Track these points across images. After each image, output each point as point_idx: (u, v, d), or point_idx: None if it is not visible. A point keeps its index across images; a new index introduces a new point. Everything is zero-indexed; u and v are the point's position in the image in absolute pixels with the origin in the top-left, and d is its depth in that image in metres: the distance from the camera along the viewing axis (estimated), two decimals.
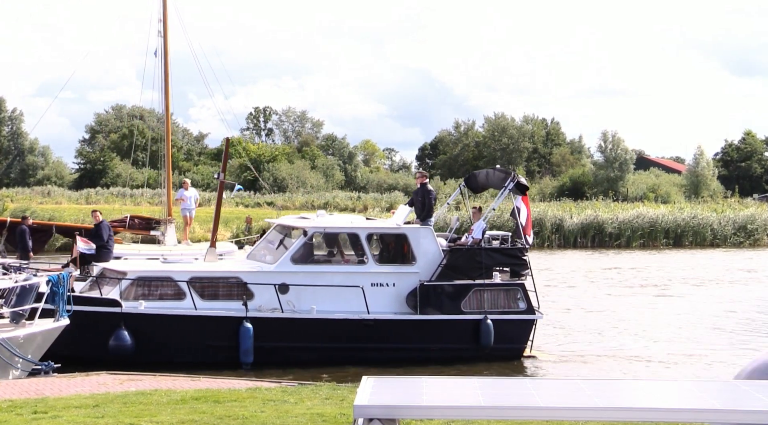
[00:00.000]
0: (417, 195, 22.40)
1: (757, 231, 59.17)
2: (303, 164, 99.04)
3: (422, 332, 20.94)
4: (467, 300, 21.13)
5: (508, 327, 21.14)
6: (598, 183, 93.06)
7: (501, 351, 21.00)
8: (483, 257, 21.26)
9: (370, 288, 20.80)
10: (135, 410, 12.90)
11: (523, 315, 21.39)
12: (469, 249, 21.61)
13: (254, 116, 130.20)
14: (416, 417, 6.30)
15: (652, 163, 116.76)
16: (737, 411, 5.90)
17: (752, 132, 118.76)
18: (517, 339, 21.36)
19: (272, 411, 12.83)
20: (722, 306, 30.02)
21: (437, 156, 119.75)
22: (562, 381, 7.42)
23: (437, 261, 21.13)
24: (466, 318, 21.04)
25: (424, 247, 21.25)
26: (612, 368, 20.69)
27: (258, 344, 20.01)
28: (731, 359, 21.50)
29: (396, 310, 21.00)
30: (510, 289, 21.40)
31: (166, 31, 32.96)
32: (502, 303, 21.29)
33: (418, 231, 21.41)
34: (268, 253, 21.78)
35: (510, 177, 22.36)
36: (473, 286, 21.17)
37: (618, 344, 23.65)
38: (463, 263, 21.24)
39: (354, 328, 20.56)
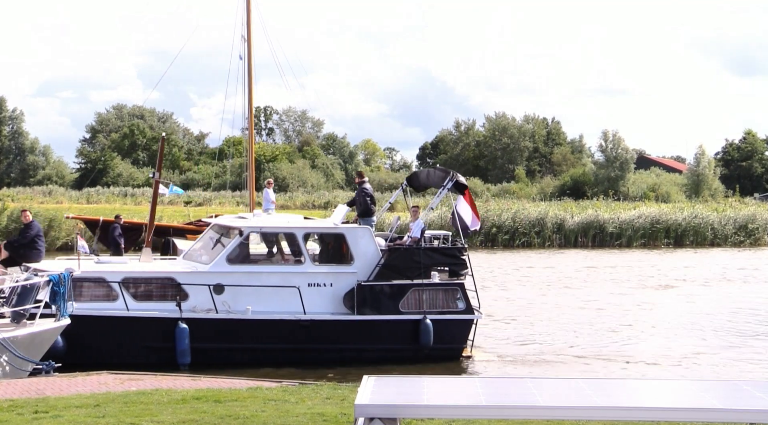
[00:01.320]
0: (357, 195, 22.41)
1: (757, 230, 59.14)
2: (303, 164, 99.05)
3: (360, 332, 20.71)
4: (406, 300, 20.92)
5: (447, 327, 20.94)
6: (598, 182, 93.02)
7: (440, 351, 20.76)
8: (421, 257, 21.10)
9: (307, 288, 20.59)
10: (136, 410, 12.90)
11: (462, 315, 21.17)
12: (408, 249, 21.43)
13: (255, 115, 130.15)
14: (417, 416, 6.31)
15: (652, 162, 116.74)
16: (737, 411, 5.91)
17: (753, 131, 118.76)
18: (456, 339, 21.16)
19: (273, 410, 12.83)
20: (703, 307, 30.02)
21: (438, 155, 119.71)
22: (562, 381, 7.43)
23: (375, 261, 20.93)
24: (405, 319, 20.85)
25: (362, 247, 21.05)
26: (552, 368, 20.51)
27: (194, 345, 19.70)
28: (705, 359, 21.54)
29: (333, 311, 20.79)
30: (449, 289, 21.20)
31: (249, 36, 33.68)
32: (441, 303, 21.09)
33: (356, 231, 21.26)
34: (204, 253, 21.50)
35: (449, 176, 22.32)
36: (412, 286, 20.97)
37: (566, 344, 23.46)
38: (401, 263, 21.03)
39: (290, 329, 20.31)
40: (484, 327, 24.13)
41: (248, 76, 34.00)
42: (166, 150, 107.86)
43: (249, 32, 33.62)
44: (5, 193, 72.44)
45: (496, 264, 43.83)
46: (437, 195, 22.93)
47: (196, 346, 19.78)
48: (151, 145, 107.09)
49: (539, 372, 20.10)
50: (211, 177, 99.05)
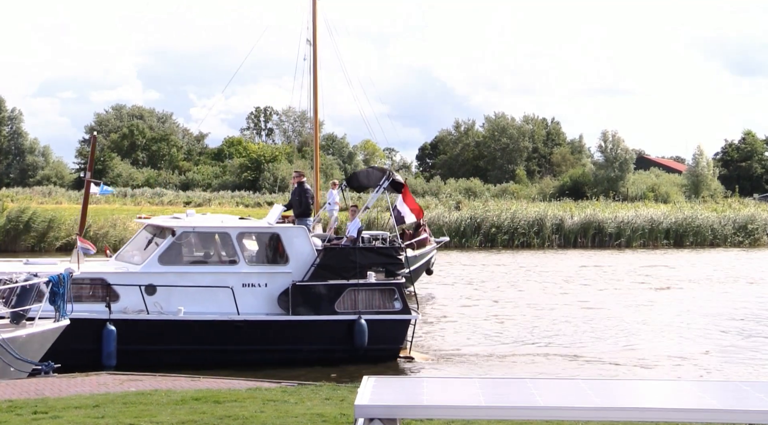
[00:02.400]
0: (294, 194, 22.23)
1: (757, 231, 59.19)
2: (303, 164, 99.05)
3: (294, 333, 20.48)
4: (341, 300, 20.71)
5: (383, 327, 20.72)
6: (598, 183, 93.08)
7: (376, 351, 20.56)
8: (357, 257, 20.93)
9: (241, 288, 20.33)
10: (135, 410, 12.90)
11: (398, 315, 20.95)
12: (343, 248, 21.28)
13: (255, 116, 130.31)
14: (417, 417, 6.30)
15: (652, 162, 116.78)
16: (737, 411, 5.91)
17: (752, 132, 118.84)
18: (392, 340, 20.92)
19: (272, 411, 12.82)
20: (701, 307, 30.03)
21: (437, 156, 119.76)
22: (562, 381, 7.42)
23: (311, 261, 20.71)
24: (340, 319, 20.63)
25: (298, 247, 20.82)
26: (492, 368, 20.40)
27: (122, 347, 19.31)
28: (703, 360, 21.54)
29: (268, 311, 20.54)
30: (385, 289, 21.00)
31: (315, 39, 34.47)
32: (378, 304, 20.89)
33: (291, 230, 21.04)
34: (137, 254, 21.21)
35: (385, 175, 22.20)
36: (347, 286, 20.77)
37: (518, 343, 23.44)
38: (336, 263, 20.82)
39: (223, 330, 20.03)
40: (435, 327, 24.06)
41: (313, 77, 34.82)
42: (165, 150, 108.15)
43: (315, 35, 34.48)
44: (4, 194, 72.45)
45: (494, 262, 43.85)
46: (373, 194, 22.68)
47: (124, 348, 19.31)
48: (150, 146, 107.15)
49: (482, 371, 19.91)
50: (211, 177, 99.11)
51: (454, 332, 25.16)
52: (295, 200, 22.13)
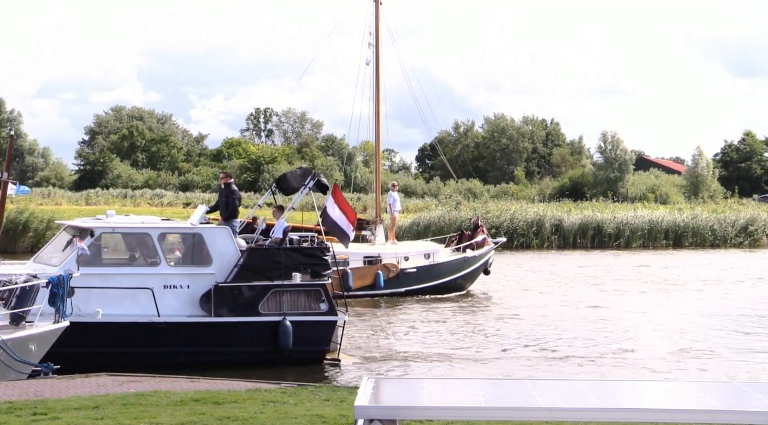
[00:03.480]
0: (221, 195, 21.93)
1: (756, 232, 59.19)
2: (303, 165, 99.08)
3: (217, 335, 20.19)
4: (265, 301, 20.47)
5: (308, 328, 20.49)
6: (597, 183, 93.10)
7: (301, 353, 20.30)
8: (282, 257, 20.64)
9: (162, 290, 20.00)
10: (134, 411, 12.89)
11: (324, 317, 20.72)
12: (267, 249, 20.99)
13: (254, 117, 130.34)
14: (416, 418, 6.30)
15: (651, 163, 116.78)
16: (737, 412, 5.90)
17: (752, 132, 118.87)
18: (317, 342, 20.67)
19: (272, 412, 12.82)
20: (697, 308, 30.04)
21: (437, 157, 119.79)
22: (562, 382, 7.43)
23: (234, 262, 20.41)
24: (263, 321, 20.37)
25: (221, 248, 20.51)
26: (419, 369, 20.25)
27: None
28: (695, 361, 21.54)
29: (190, 313, 20.24)
30: (311, 290, 20.78)
31: (378, 43, 34.74)
32: (303, 305, 20.67)
33: (215, 231, 20.74)
34: (55, 256, 20.87)
35: (310, 176, 22.03)
36: (272, 287, 20.52)
37: (449, 345, 23.31)
38: (260, 264, 20.52)
39: (142, 332, 19.68)
40: (371, 329, 23.99)
41: (376, 81, 35.06)
42: (165, 151, 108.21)
43: (377, 39, 34.72)
44: None
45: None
46: (297, 195, 22.37)
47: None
48: (150, 147, 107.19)
49: (414, 372, 19.77)
50: (211, 178, 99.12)
51: (402, 334, 24.94)
52: (222, 201, 21.70)
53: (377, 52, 34.71)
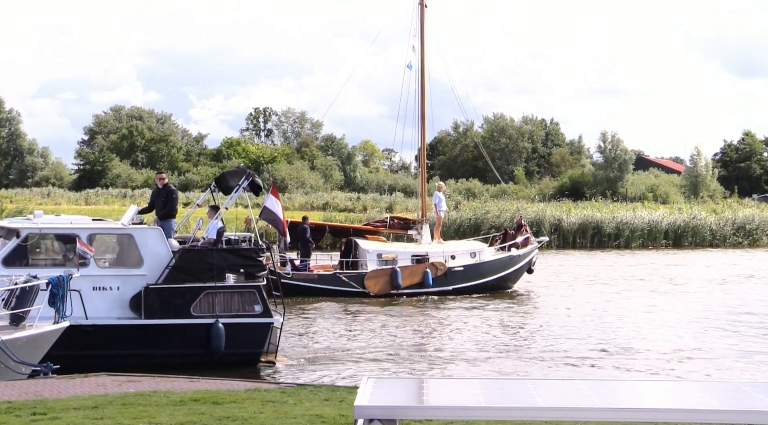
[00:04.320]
0: (158, 195, 21.60)
1: (756, 231, 59.17)
2: (302, 165, 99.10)
3: (147, 337, 19.78)
4: (198, 303, 20.10)
5: (241, 331, 20.11)
6: (597, 183, 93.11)
7: (234, 356, 19.93)
8: (215, 259, 20.25)
9: (91, 292, 19.52)
10: (134, 411, 12.89)
11: (258, 319, 20.34)
12: (200, 250, 20.60)
13: (254, 117, 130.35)
14: (416, 417, 6.29)
15: (651, 163, 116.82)
16: (737, 412, 5.90)
17: (752, 132, 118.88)
18: (251, 344, 20.32)
19: (271, 412, 12.81)
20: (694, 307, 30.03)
21: (436, 156, 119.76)
22: (562, 382, 7.42)
23: (166, 263, 20.01)
24: (195, 323, 19.97)
25: (152, 249, 20.11)
26: (355, 370, 20.01)
27: None
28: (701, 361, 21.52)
29: (120, 315, 19.89)
30: (245, 292, 20.41)
31: (423, 47, 35.55)
32: (237, 307, 20.28)
33: (146, 232, 20.35)
34: None
35: (244, 176, 21.58)
36: (204, 289, 20.16)
37: (390, 344, 23.25)
38: (193, 265, 20.08)
39: (70, 335, 18.70)
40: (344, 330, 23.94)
41: (421, 84, 36.10)
42: (164, 151, 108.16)
43: (422, 43, 35.58)
44: (3, 194, 72.44)
45: None
46: (231, 195, 21.88)
47: None
48: (149, 147, 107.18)
49: (349, 373, 19.61)
50: (210, 178, 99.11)
51: (353, 334, 24.75)
52: (160, 201, 21.36)
53: (422, 56, 35.36)
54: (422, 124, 36.69)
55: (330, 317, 27.91)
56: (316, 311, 28.91)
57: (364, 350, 22.43)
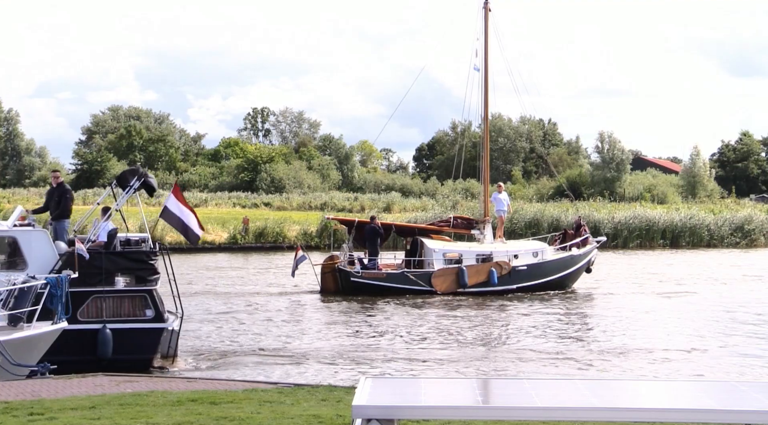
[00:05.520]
0: (52, 195, 20.93)
1: (753, 232, 59.16)
2: (300, 165, 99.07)
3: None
4: (85, 308, 19.47)
5: (130, 336, 19.43)
6: (595, 183, 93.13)
7: (123, 362, 18.92)
8: (103, 262, 19.53)
9: None
10: (131, 411, 12.87)
11: (149, 324, 19.73)
12: (88, 253, 19.72)
13: (252, 117, 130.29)
14: (414, 417, 6.28)
15: (649, 163, 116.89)
16: (734, 411, 5.90)
17: (749, 132, 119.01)
18: (141, 350, 19.59)
19: (268, 412, 12.80)
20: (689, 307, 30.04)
21: (434, 156, 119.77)
22: (559, 382, 7.42)
23: (52, 266, 19.10)
24: (81, 328, 19.13)
25: (37, 252, 19.23)
26: (249, 372, 19.70)
27: None
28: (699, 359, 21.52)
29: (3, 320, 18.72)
30: (135, 296, 19.84)
31: (486, 48, 36.14)
32: (126, 312, 19.70)
33: (30, 234, 19.46)
34: None
35: (136, 176, 20.91)
36: (92, 293, 19.53)
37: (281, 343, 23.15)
38: (80, 268, 18.94)
39: None
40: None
41: (484, 87, 36.56)
42: (162, 151, 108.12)
43: (486, 46, 36.13)
44: (1, 194, 72.43)
45: None
46: (122, 195, 21.13)
47: None
48: (147, 147, 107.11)
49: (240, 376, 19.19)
50: (208, 178, 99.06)
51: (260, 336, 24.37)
52: (54, 201, 20.63)
53: (486, 58, 35.93)
54: (486, 124, 37.46)
55: (399, 317, 28.00)
56: (382, 312, 28.89)
57: (425, 349, 22.52)
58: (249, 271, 41.16)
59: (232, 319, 26.91)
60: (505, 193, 37.01)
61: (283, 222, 54.92)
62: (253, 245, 52.31)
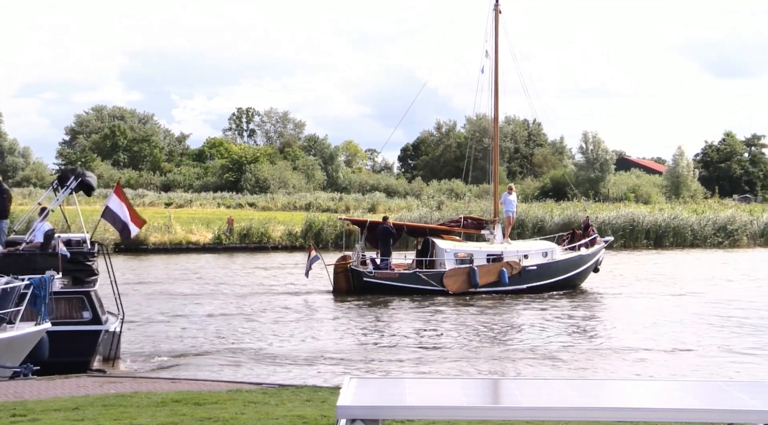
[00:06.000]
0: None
1: (736, 232, 59.44)
2: (285, 165, 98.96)
3: None
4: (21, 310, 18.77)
5: (67, 338, 18.88)
6: (579, 184, 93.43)
7: (59, 365, 18.23)
8: (38, 263, 18.92)
9: None
10: (115, 413, 12.82)
11: (86, 326, 19.35)
12: (21, 254, 19.45)
13: (237, 117, 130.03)
14: (399, 417, 6.27)
15: (632, 163, 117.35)
16: (717, 411, 5.92)
17: (732, 133, 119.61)
18: (78, 352, 19.11)
19: (253, 413, 12.77)
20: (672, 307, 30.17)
21: (419, 156, 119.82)
22: (544, 382, 7.43)
23: None
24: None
25: None
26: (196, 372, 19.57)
27: None
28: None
29: None
30: (72, 298, 19.42)
31: (497, 50, 36.29)
32: (63, 314, 19.14)
33: None
34: None
35: (73, 176, 20.64)
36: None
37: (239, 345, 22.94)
38: (14, 270, 18.36)
39: None
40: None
41: (495, 88, 36.58)
42: (147, 151, 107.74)
43: (496, 48, 36.28)
44: None
45: None
46: (60, 194, 20.80)
47: None
48: (131, 147, 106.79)
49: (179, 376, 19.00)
50: (193, 178, 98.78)
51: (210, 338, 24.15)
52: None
53: (496, 59, 36.15)
54: (495, 126, 37.66)
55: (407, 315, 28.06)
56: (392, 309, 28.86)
57: (446, 345, 22.63)
58: (249, 271, 40.95)
59: (237, 318, 26.79)
60: (514, 194, 37.20)
61: (268, 223, 54.82)
62: (238, 245, 52.20)
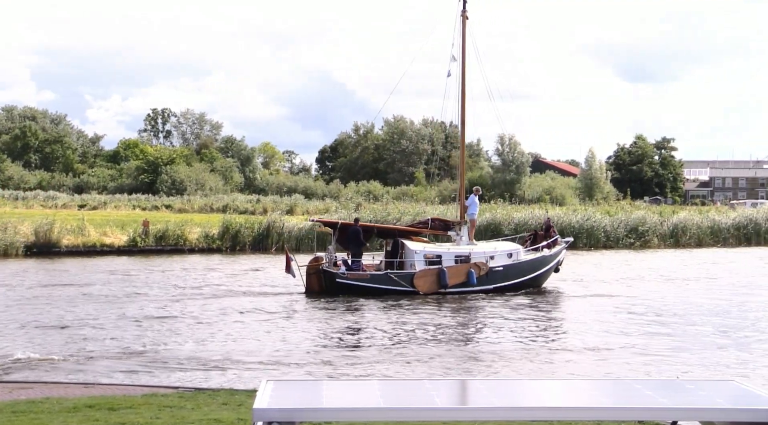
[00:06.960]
0: None
1: (647, 233, 60.87)
2: (201, 166, 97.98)
3: None
4: None
5: None
6: (495, 185, 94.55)
7: None
8: None
9: None
10: (25, 419, 12.54)
11: None
12: None
13: (152, 118, 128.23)
14: (315, 419, 6.27)
15: (547, 166, 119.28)
16: (626, 409, 6.06)
17: (643, 136, 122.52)
18: None
19: (168, 417, 12.62)
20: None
21: (337, 158, 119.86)
22: (460, 382, 7.51)
23: None
24: None
25: None
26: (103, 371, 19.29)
27: None
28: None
29: None
30: None
31: (464, 57, 36.50)
32: None
33: None
34: None
35: None
36: None
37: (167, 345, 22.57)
38: None
39: None
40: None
41: (462, 92, 37.01)
42: (59, 152, 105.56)
43: (463, 53, 36.56)
44: None
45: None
46: None
47: None
48: (43, 148, 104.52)
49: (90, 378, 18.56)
50: (107, 180, 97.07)
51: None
52: None
53: (463, 66, 36.46)
54: (462, 128, 37.86)
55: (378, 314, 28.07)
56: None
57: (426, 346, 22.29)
58: (168, 273, 40.38)
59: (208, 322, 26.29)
60: (477, 197, 37.68)
61: (185, 225, 54.18)
62: (154, 248, 51.45)
